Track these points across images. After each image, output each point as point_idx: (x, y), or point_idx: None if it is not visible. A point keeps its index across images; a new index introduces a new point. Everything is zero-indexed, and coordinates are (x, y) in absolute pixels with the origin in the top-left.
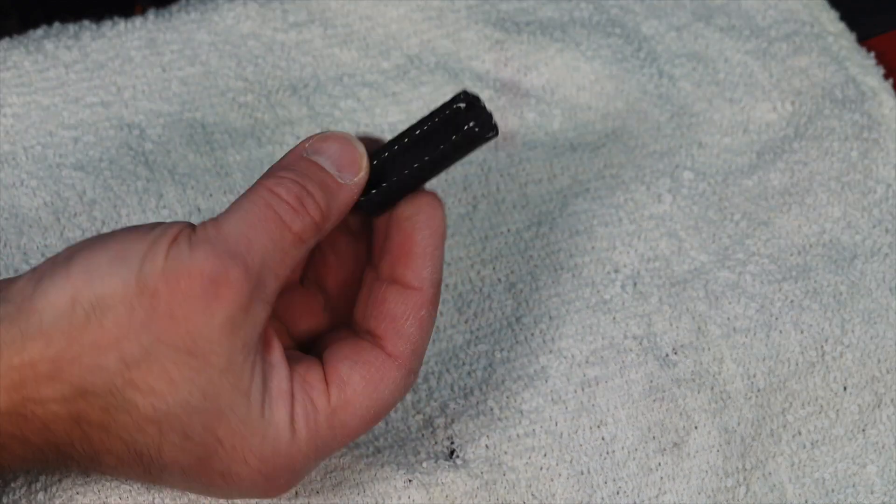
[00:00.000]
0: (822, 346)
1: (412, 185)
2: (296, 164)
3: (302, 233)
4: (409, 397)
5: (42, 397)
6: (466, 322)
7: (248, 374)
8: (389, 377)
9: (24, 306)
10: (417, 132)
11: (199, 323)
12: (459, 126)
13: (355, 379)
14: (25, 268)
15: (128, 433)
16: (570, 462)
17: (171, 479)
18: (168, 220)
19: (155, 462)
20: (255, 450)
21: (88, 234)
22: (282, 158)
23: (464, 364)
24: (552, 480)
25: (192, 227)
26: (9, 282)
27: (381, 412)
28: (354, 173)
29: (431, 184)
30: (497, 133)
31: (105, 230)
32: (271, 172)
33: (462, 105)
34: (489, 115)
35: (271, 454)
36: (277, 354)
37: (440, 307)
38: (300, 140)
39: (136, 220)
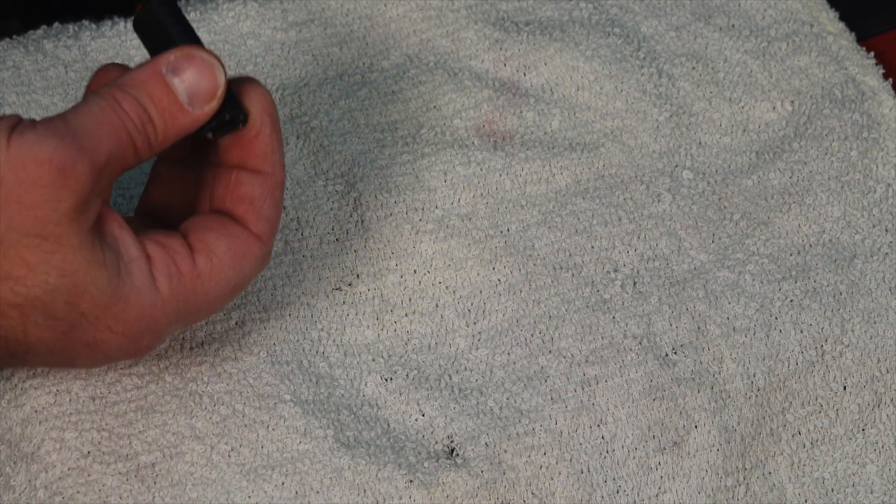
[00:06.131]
0: (821, 346)
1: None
2: (147, 85)
3: (140, 150)
4: (409, 396)
5: None
6: (467, 324)
7: (100, 249)
8: (253, 253)
9: None
10: None
11: (48, 209)
12: None
13: (221, 249)
14: None
15: None
16: (570, 461)
17: (36, 358)
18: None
19: (20, 343)
20: (119, 315)
21: None
22: (137, 71)
23: (464, 364)
24: (552, 479)
25: (28, 119)
26: None
27: (241, 286)
28: (206, 103)
29: (432, 185)
30: None
31: None
32: (121, 84)
33: None
34: None
35: (135, 317)
36: (116, 226)
37: (441, 310)
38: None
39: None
